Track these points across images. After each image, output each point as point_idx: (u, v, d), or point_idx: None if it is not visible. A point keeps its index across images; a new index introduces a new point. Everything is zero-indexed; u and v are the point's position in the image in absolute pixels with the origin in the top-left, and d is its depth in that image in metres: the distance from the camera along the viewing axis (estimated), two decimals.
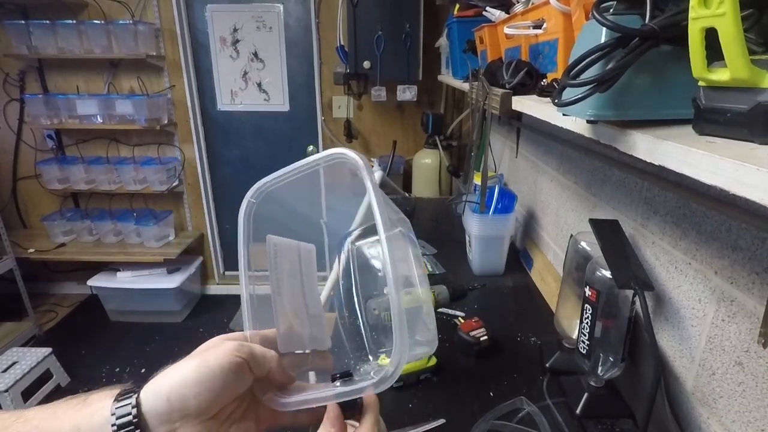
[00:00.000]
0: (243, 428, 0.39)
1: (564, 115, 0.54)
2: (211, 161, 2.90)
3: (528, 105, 0.76)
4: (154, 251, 2.72)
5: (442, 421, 0.78)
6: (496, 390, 0.86)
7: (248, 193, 0.42)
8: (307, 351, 0.43)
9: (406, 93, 2.48)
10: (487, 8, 1.10)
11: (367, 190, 0.36)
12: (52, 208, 2.91)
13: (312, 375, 0.46)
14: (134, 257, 2.68)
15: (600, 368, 0.76)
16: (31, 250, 2.66)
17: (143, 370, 2.33)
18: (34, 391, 2.06)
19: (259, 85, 2.74)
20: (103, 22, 2.47)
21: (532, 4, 0.82)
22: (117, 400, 0.33)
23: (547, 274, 1.23)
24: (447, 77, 1.91)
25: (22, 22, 2.46)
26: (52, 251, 2.69)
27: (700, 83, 0.37)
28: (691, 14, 0.33)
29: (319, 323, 0.46)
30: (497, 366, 0.93)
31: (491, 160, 1.80)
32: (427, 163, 2.45)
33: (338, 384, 0.38)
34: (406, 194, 2.31)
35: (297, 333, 0.43)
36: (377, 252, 0.46)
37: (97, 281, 2.69)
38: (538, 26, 0.78)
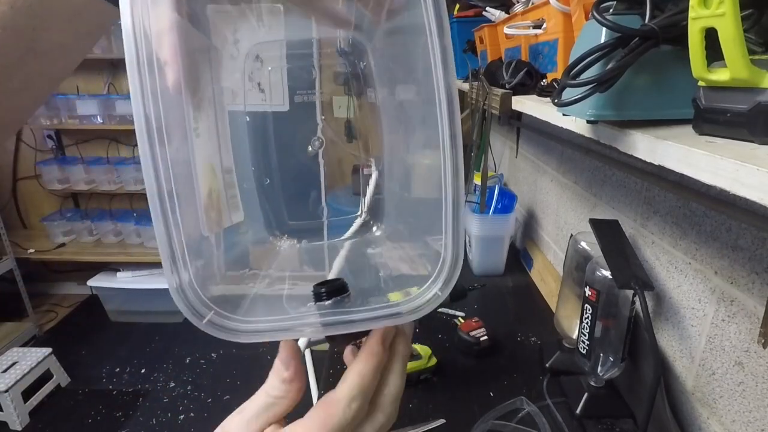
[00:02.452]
0: None
1: (564, 115, 0.54)
2: None
3: (528, 105, 0.76)
4: (154, 251, 2.69)
5: (442, 421, 0.78)
6: (496, 390, 0.86)
7: None
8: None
9: None
10: (487, 8, 1.10)
11: None
12: (52, 208, 2.91)
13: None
14: (134, 257, 2.68)
15: (600, 368, 0.76)
16: (31, 251, 2.66)
17: (143, 370, 2.33)
18: (35, 391, 2.05)
19: (259, 84, 2.74)
20: None
21: (532, 4, 0.82)
22: None
23: (547, 274, 1.23)
24: None
25: None
26: (52, 251, 2.69)
27: (700, 83, 0.37)
28: (691, 14, 0.33)
29: (232, 184, 0.31)
30: (497, 366, 0.93)
31: (491, 160, 1.80)
32: (426, 163, 2.45)
33: (328, 304, 0.22)
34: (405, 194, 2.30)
35: (216, 203, 0.28)
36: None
37: (97, 281, 2.69)
38: (538, 26, 0.78)
